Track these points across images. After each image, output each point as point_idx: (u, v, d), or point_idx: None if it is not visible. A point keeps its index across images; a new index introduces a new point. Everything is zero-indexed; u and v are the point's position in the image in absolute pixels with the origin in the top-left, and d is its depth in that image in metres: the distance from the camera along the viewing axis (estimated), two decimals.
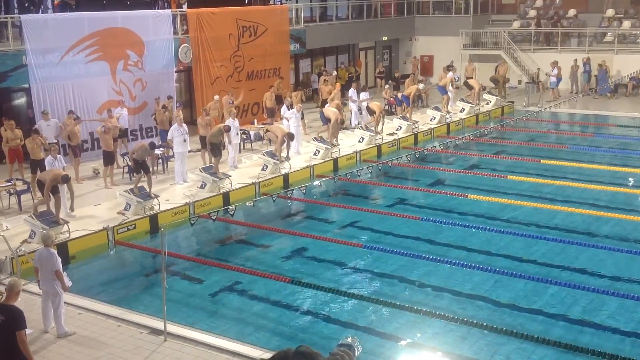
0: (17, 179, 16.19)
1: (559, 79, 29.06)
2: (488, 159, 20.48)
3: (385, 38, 33.49)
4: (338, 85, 24.88)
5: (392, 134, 22.46)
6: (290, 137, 18.45)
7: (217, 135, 17.26)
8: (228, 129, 17.62)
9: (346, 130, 22.47)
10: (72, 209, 14.32)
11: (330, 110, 20.47)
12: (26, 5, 20.16)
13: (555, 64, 29.09)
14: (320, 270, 12.71)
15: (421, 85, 25.50)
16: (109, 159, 17.16)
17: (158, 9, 23.11)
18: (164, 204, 15.38)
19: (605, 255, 12.85)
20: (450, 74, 28.61)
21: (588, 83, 29.55)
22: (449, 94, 25.94)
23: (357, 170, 16.62)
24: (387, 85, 27.52)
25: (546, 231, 14.16)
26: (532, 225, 14.57)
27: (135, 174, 15.82)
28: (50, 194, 13.66)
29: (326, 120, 20.39)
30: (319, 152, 19.64)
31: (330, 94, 23.73)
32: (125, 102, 20.45)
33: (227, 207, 14.42)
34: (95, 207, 15.47)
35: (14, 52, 18.00)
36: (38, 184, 14.06)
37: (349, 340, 3.69)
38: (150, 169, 16.54)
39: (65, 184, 13.92)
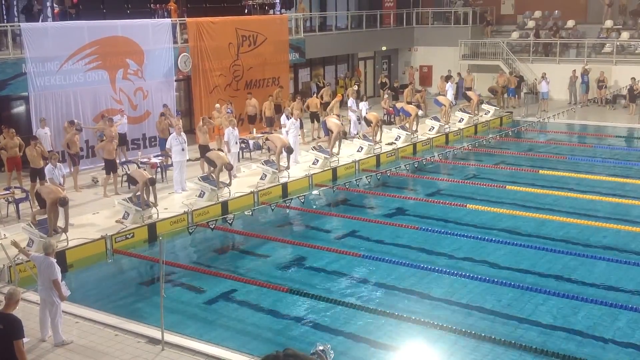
0: (15, 187, 16.18)
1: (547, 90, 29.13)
2: (487, 169, 20.49)
3: (384, 48, 33.59)
4: (339, 96, 24.88)
5: (391, 143, 22.49)
6: (289, 150, 18.42)
7: (216, 160, 17.04)
8: (230, 168, 16.97)
9: (345, 140, 22.48)
10: (65, 230, 13.69)
11: (332, 122, 20.41)
12: (26, 13, 20.21)
13: (544, 76, 29.16)
14: (318, 280, 12.69)
15: (420, 112, 25.12)
16: (110, 167, 17.14)
17: (158, 18, 23.17)
18: (163, 213, 15.37)
19: (603, 266, 12.83)
20: (448, 84, 28.70)
21: (586, 94, 29.60)
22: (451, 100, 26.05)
23: (356, 180, 16.64)
24: (386, 95, 27.56)
25: (545, 242, 14.13)
26: (531, 236, 14.55)
27: (132, 185, 15.76)
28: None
29: (328, 131, 20.38)
30: (317, 161, 19.64)
31: (317, 107, 23.79)
32: (125, 110, 20.47)
33: (225, 216, 14.40)
34: (94, 215, 15.46)
35: (14, 60, 18.05)
36: (37, 197, 13.97)
37: (321, 347, 3.71)
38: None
39: (62, 207, 13.56)
